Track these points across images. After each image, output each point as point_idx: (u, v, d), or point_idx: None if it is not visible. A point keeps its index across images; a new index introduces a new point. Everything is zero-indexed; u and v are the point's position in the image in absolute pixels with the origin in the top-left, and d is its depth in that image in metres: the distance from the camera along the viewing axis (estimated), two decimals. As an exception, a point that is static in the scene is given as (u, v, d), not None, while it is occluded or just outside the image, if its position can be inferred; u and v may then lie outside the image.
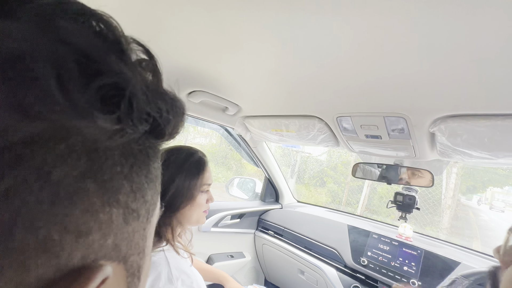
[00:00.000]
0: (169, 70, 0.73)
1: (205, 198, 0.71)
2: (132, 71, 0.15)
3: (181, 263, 0.64)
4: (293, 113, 0.91)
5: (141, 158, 0.17)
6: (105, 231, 0.14)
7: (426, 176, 0.99)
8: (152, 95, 0.16)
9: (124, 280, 0.16)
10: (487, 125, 0.55)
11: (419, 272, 1.04)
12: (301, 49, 0.50)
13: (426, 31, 0.37)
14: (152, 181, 0.18)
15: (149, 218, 0.18)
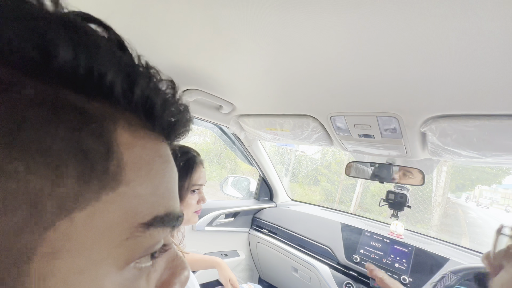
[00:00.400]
0: (163, 68, 0.72)
1: (195, 199, 0.70)
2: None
3: None
4: (288, 112, 0.91)
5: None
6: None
7: (417, 175, 1.01)
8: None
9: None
10: (476, 125, 0.56)
11: (410, 268, 1.06)
12: (296, 48, 0.50)
13: (418, 33, 0.38)
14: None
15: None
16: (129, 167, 0.16)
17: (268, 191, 1.80)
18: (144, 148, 0.18)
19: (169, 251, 0.22)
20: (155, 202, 0.18)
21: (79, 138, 0.14)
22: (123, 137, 0.16)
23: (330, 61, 0.52)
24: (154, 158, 0.19)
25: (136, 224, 0.16)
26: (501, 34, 0.35)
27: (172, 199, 0.20)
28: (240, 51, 0.56)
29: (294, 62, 0.56)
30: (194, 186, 0.68)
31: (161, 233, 0.19)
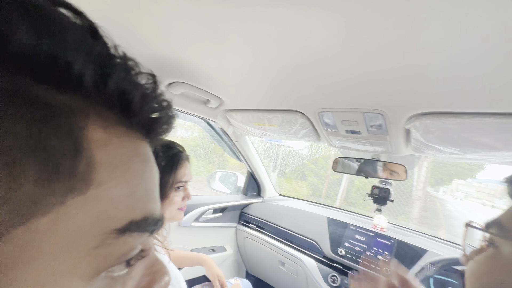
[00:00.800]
0: (147, 60, 0.69)
1: (180, 196, 0.68)
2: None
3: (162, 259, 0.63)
4: (276, 107, 0.91)
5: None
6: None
7: (400, 170, 1.04)
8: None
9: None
10: (457, 122, 0.58)
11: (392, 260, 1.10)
12: (285, 42, 0.49)
13: (404, 33, 0.38)
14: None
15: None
16: (101, 167, 0.15)
17: (256, 186, 1.80)
18: (120, 147, 0.16)
19: (148, 257, 0.20)
20: (131, 205, 0.17)
21: (40, 135, 0.12)
22: (95, 134, 0.15)
23: (319, 56, 0.51)
24: (131, 157, 0.17)
25: (108, 230, 0.15)
26: (483, 35, 0.35)
27: (151, 202, 0.19)
28: (228, 44, 0.54)
29: (283, 57, 0.55)
30: (179, 183, 0.66)
31: (138, 239, 0.17)
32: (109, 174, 0.15)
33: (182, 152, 0.68)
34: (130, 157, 0.17)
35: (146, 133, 0.19)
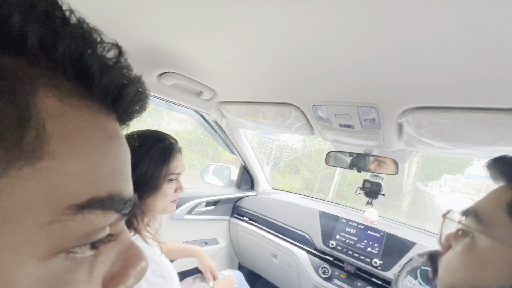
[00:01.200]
0: (139, 49, 0.67)
1: (173, 188, 0.67)
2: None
3: (150, 253, 0.62)
4: (270, 100, 0.90)
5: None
6: None
7: (392, 165, 1.05)
8: None
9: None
10: (449, 117, 0.58)
11: (381, 252, 1.13)
12: (280, 34, 0.48)
13: (399, 26, 0.38)
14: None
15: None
16: (56, 139, 0.14)
17: (249, 180, 1.80)
18: (80, 120, 0.15)
19: (121, 241, 0.19)
20: (94, 181, 0.16)
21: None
22: (47, 103, 0.14)
23: (313, 48, 0.51)
24: (94, 132, 0.16)
25: (64, 205, 0.14)
26: (475, 31, 0.36)
27: (120, 181, 0.18)
28: (221, 33, 0.53)
29: (277, 48, 0.54)
30: (172, 175, 0.65)
31: (102, 219, 0.16)
32: (65, 147, 0.14)
33: (174, 144, 0.67)
34: (92, 131, 0.16)
35: (113, 109, 0.18)
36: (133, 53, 0.78)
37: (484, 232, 0.31)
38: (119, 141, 0.19)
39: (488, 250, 0.30)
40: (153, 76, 0.83)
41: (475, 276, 0.30)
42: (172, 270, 0.70)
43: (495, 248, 0.29)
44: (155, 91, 0.94)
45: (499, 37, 0.36)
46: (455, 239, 0.36)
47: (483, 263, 0.30)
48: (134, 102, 0.20)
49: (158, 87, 0.90)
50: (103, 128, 0.17)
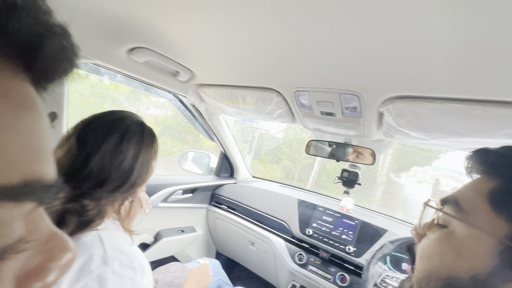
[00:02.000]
0: (104, 18, 0.59)
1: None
2: None
3: (120, 242, 0.57)
4: (251, 84, 0.85)
5: None
6: None
7: (370, 155, 1.07)
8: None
9: None
10: (429, 107, 0.58)
11: (355, 239, 1.16)
12: (263, 12, 0.44)
13: (382, 14, 0.38)
14: None
15: None
16: None
17: (229, 168, 1.77)
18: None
19: (40, 231, 0.15)
20: (1, 165, 0.12)
21: None
22: None
23: (298, 31, 0.48)
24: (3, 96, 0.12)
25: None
26: (455, 23, 0.36)
27: (38, 162, 0.14)
28: (198, 6, 0.47)
29: (260, 28, 0.50)
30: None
31: (13, 211, 0.13)
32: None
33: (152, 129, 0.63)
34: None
35: (25, 67, 0.14)
36: (97, 23, 0.69)
37: (463, 220, 0.32)
38: (33, 111, 0.14)
39: (467, 237, 0.31)
40: (122, 51, 0.75)
41: (453, 263, 0.31)
42: (143, 259, 0.66)
43: (473, 235, 0.30)
44: (125, 68, 0.86)
45: (479, 30, 0.36)
46: (429, 228, 0.37)
47: (461, 250, 0.31)
48: (56, 60, 0.15)
49: (129, 64, 0.82)
50: (9, 94, 0.13)
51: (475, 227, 0.30)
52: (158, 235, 1.35)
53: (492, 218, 0.29)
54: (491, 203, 0.30)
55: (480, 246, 0.29)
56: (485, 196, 0.31)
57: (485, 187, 0.31)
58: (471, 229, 0.30)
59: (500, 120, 0.54)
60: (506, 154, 0.32)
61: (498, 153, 0.33)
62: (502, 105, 0.52)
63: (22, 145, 0.13)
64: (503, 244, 0.28)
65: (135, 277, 0.56)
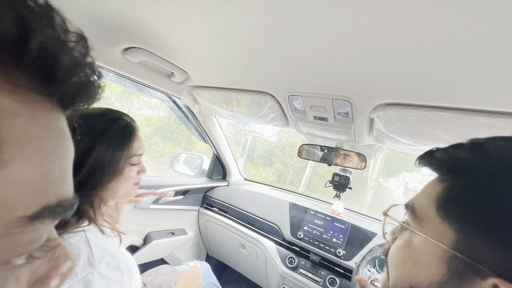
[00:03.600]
0: (100, 17, 0.59)
1: (135, 170, 0.62)
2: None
3: (106, 244, 0.56)
4: (246, 87, 0.86)
5: None
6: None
7: (361, 160, 1.09)
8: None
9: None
10: (417, 114, 0.60)
11: (345, 243, 1.18)
12: (259, 16, 0.45)
13: (375, 23, 0.39)
14: None
15: None
16: (9, 144, 0.12)
17: (222, 170, 1.76)
18: (33, 119, 0.13)
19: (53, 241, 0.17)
20: (44, 188, 0.14)
21: None
22: (3, 103, 0.12)
23: (293, 36, 0.49)
24: (45, 132, 0.14)
25: (15, 218, 0.13)
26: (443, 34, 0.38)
27: (66, 183, 0.16)
28: (194, 7, 0.48)
29: (255, 31, 0.50)
30: (134, 157, 0.60)
31: (48, 227, 0.15)
32: (18, 152, 0.12)
33: (133, 123, 0.61)
34: (44, 131, 0.14)
35: (66, 104, 0.16)
36: (92, 22, 0.69)
37: (417, 227, 0.31)
38: (68, 141, 0.16)
39: (421, 245, 0.30)
40: (116, 51, 0.74)
41: (412, 272, 0.30)
42: (131, 262, 0.65)
43: (425, 243, 0.29)
44: (119, 68, 0.85)
45: (464, 43, 0.38)
46: (399, 233, 0.36)
47: (418, 259, 0.30)
48: (91, 98, 0.18)
49: (123, 64, 0.81)
50: (54, 127, 0.15)
51: (426, 234, 0.29)
52: (147, 238, 1.33)
53: (438, 224, 0.28)
54: (437, 208, 0.29)
55: (432, 254, 0.28)
56: (433, 201, 0.29)
57: (433, 190, 0.30)
58: (424, 237, 0.29)
59: (484, 129, 0.56)
60: (451, 155, 0.30)
61: (445, 154, 0.31)
62: (486, 115, 0.54)
63: (59, 170, 0.15)
64: (449, 252, 0.27)
65: (122, 280, 0.55)
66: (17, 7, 0.12)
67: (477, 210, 0.26)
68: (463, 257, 0.26)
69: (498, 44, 0.37)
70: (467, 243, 0.26)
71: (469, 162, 0.28)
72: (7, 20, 0.11)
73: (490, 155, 0.27)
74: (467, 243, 0.26)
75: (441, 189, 0.29)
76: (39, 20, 0.13)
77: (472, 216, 0.26)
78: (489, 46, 0.38)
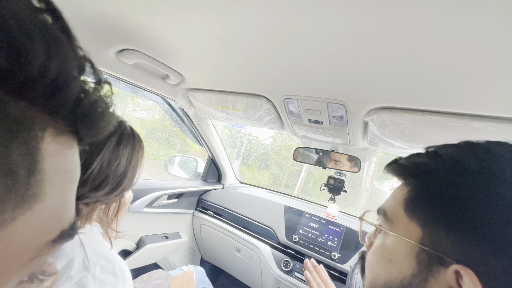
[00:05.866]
0: (94, 19, 0.58)
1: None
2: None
3: (101, 247, 0.56)
4: (241, 90, 0.86)
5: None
6: None
7: (355, 163, 1.10)
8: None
9: None
10: (410, 118, 0.61)
11: (340, 246, 1.18)
12: (255, 19, 0.45)
13: (369, 29, 0.40)
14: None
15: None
16: (48, 179, 0.14)
17: (217, 173, 1.75)
18: (64, 155, 0.15)
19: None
20: (62, 214, 0.16)
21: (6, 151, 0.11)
22: (48, 146, 0.14)
23: (289, 40, 0.49)
24: (70, 164, 0.16)
25: (44, 242, 0.14)
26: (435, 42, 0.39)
27: (73, 207, 0.18)
28: (190, 9, 0.48)
29: (251, 34, 0.50)
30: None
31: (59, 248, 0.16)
32: (52, 185, 0.14)
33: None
34: (70, 163, 0.16)
35: (83, 137, 0.18)
36: (86, 23, 0.68)
37: (389, 228, 0.34)
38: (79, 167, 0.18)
39: (393, 244, 0.33)
40: (111, 52, 0.74)
41: (386, 270, 0.33)
42: (124, 266, 0.64)
43: (397, 242, 0.32)
44: (113, 69, 0.84)
45: (455, 50, 0.39)
46: (374, 237, 0.39)
47: (391, 257, 0.33)
48: (107, 129, 0.19)
49: (117, 66, 0.80)
50: (75, 159, 0.17)
51: (397, 233, 0.32)
52: (140, 242, 1.31)
53: (407, 223, 0.32)
54: (405, 209, 0.32)
55: (403, 250, 0.31)
56: (401, 203, 0.33)
57: (400, 194, 0.34)
58: (395, 236, 0.32)
59: (475, 133, 0.57)
60: (411, 162, 0.34)
61: (407, 162, 0.35)
62: (477, 119, 0.56)
63: (72, 197, 0.17)
64: (417, 247, 0.30)
65: (117, 284, 0.54)
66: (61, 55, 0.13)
67: (436, 206, 0.29)
68: (429, 249, 0.29)
69: (488, 50, 0.38)
70: (431, 237, 0.29)
71: (426, 166, 0.32)
72: (54, 68, 0.13)
73: (443, 158, 0.31)
74: (431, 236, 0.29)
75: (407, 191, 0.33)
76: (80, 68, 0.15)
77: (432, 211, 0.30)
78: (479, 52, 0.38)
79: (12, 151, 0.12)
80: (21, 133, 0.12)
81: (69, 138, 0.16)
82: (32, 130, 0.13)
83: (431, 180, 0.31)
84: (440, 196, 0.29)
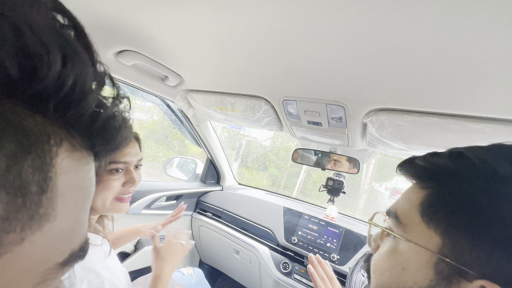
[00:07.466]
0: (93, 19, 0.58)
1: (118, 180, 0.54)
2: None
3: (91, 260, 0.52)
4: (240, 91, 0.86)
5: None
6: None
7: (354, 164, 1.10)
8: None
9: None
10: (408, 120, 0.61)
11: (339, 247, 1.18)
12: (254, 21, 0.45)
13: (367, 30, 0.40)
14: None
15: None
16: (60, 198, 0.13)
17: (215, 174, 1.75)
18: (78, 172, 0.14)
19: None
20: (74, 233, 0.15)
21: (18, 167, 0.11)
22: (62, 162, 0.13)
23: (288, 41, 0.49)
24: (85, 180, 0.15)
25: (51, 265, 0.13)
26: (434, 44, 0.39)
27: (86, 226, 0.16)
28: (189, 10, 0.48)
29: (250, 36, 0.51)
30: (113, 163, 0.53)
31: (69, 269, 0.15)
32: (65, 203, 0.13)
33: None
34: (84, 181, 0.15)
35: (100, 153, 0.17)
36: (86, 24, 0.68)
37: (402, 234, 0.31)
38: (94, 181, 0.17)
39: (407, 251, 0.30)
40: (109, 53, 0.74)
41: (399, 278, 0.30)
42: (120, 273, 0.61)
43: (412, 249, 0.30)
44: (112, 71, 0.83)
45: (453, 52, 0.40)
46: (381, 240, 0.36)
47: (405, 265, 0.30)
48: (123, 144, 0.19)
49: (116, 67, 0.80)
50: (89, 176, 0.16)
51: (412, 241, 0.30)
52: (139, 244, 1.30)
53: (423, 230, 0.29)
54: (421, 214, 0.29)
55: (419, 259, 0.29)
56: (417, 208, 0.30)
57: (416, 197, 0.31)
58: (409, 243, 0.30)
59: (473, 134, 0.57)
60: (431, 163, 0.31)
61: (424, 162, 0.31)
62: (474, 120, 0.56)
63: (85, 214, 0.16)
64: (436, 257, 0.27)
65: None
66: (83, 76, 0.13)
67: (461, 214, 0.26)
68: (450, 261, 0.26)
69: (486, 52, 0.38)
70: (453, 247, 0.26)
71: (449, 169, 0.29)
72: (86, 86, 0.13)
73: (472, 162, 0.27)
74: (453, 247, 0.26)
75: (424, 195, 0.30)
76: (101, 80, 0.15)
77: (456, 220, 0.27)
78: (478, 54, 0.39)
79: (24, 167, 0.11)
80: (34, 148, 0.11)
81: (85, 154, 0.15)
82: (47, 144, 0.12)
83: (456, 185, 0.27)
84: (466, 203, 0.26)
